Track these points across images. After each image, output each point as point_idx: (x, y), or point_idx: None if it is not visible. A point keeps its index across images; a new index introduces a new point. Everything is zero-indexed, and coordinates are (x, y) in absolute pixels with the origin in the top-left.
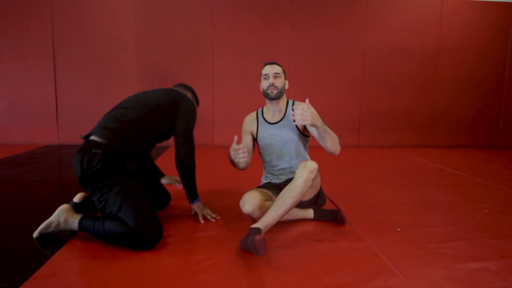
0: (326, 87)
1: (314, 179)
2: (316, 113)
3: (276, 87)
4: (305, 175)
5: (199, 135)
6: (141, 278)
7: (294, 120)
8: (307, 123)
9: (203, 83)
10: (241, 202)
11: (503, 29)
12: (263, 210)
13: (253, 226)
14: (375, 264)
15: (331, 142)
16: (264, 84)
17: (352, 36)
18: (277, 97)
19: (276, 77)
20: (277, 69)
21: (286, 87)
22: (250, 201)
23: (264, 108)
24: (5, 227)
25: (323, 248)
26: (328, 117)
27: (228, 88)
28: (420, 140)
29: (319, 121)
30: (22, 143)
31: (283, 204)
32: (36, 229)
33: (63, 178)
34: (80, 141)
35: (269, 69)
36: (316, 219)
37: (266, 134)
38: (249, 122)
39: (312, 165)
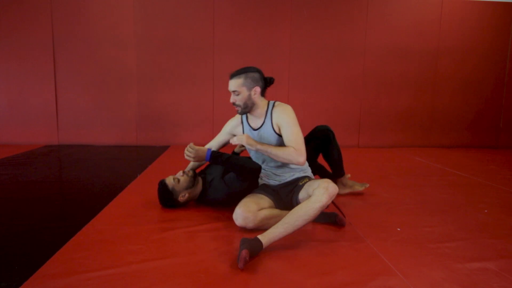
0: (326, 87)
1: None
2: (244, 138)
3: (238, 105)
4: (324, 200)
5: (200, 134)
6: (141, 278)
7: (272, 123)
8: (243, 143)
9: (203, 83)
10: (234, 216)
11: (503, 29)
12: (257, 220)
13: (259, 237)
14: (375, 264)
15: (278, 158)
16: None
17: (352, 36)
18: (244, 113)
19: (236, 94)
20: (234, 85)
21: (255, 94)
22: (242, 215)
23: (248, 113)
24: (5, 227)
25: (323, 248)
26: (328, 117)
27: (228, 87)
28: (420, 140)
29: (253, 144)
30: (22, 143)
31: (294, 225)
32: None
33: (63, 178)
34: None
35: (229, 86)
36: (314, 221)
37: (255, 138)
38: (233, 126)
39: (333, 190)
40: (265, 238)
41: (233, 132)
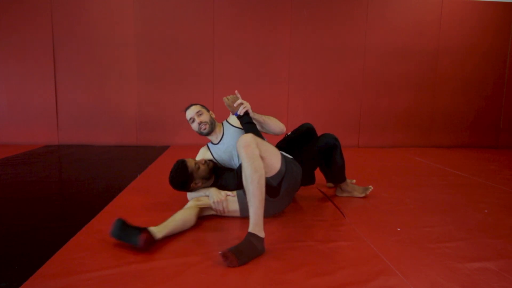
0: (326, 87)
1: (262, 150)
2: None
3: (205, 122)
4: (243, 153)
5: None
6: (141, 278)
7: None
8: (247, 108)
9: (203, 83)
10: None
11: (503, 29)
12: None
13: (249, 230)
14: (375, 264)
15: (268, 125)
16: (194, 127)
17: (352, 36)
18: (212, 130)
19: (200, 115)
20: (196, 108)
21: (214, 115)
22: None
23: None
24: (5, 227)
25: (323, 248)
26: (328, 117)
27: (228, 87)
28: (420, 140)
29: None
30: (22, 143)
31: (252, 195)
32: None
33: (63, 178)
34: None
35: (190, 113)
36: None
37: (221, 151)
38: (204, 152)
39: (243, 140)
40: (250, 226)
41: (205, 157)
